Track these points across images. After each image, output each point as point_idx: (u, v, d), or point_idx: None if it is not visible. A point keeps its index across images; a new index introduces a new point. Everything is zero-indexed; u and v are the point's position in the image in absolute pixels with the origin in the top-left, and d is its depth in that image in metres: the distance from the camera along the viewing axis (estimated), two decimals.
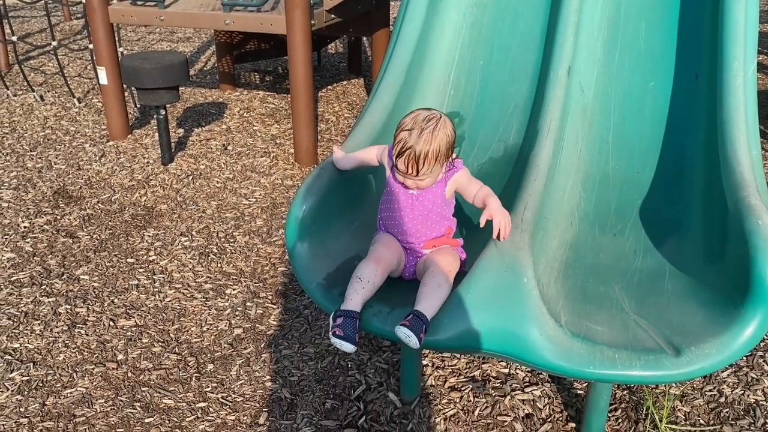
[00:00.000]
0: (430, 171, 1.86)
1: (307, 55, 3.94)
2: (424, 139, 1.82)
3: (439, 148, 1.84)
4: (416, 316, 1.75)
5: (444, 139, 1.86)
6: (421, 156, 1.83)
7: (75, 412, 2.27)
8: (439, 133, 1.84)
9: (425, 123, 1.85)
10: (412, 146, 1.82)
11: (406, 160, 1.84)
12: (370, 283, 1.84)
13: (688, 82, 2.52)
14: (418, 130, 1.83)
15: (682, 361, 1.65)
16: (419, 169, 1.85)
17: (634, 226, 2.25)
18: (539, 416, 2.22)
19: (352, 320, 1.79)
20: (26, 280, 3.02)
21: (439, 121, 1.87)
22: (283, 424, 2.22)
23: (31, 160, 4.32)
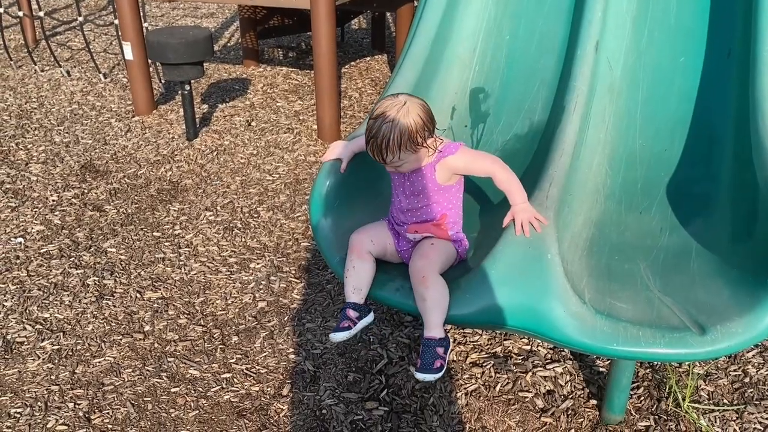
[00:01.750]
0: (398, 158, 1.80)
1: (331, 31, 3.92)
2: (384, 127, 1.77)
3: (401, 137, 1.76)
4: (424, 347, 1.78)
5: (405, 127, 1.77)
6: (382, 146, 1.78)
7: (104, 380, 2.33)
8: (400, 120, 1.77)
9: (388, 109, 1.79)
10: (375, 135, 1.78)
11: (371, 148, 1.81)
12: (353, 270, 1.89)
13: (719, 59, 2.47)
14: (381, 118, 1.78)
15: (707, 340, 1.64)
16: (384, 158, 1.81)
17: (661, 203, 2.23)
18: (561, 393, 2.22)
19: (343, 311, 1.88)
20: (55, 252, 3.08)
21: (401, 109, 1.78)
22: (306, 396, 2.25)
23: (59, 134, 4.37)
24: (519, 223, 1.81)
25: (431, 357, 1.77)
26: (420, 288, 1.80)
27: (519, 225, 1.81)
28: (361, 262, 1.89)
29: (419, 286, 1.81)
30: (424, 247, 1.90)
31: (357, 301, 1.88)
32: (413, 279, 1.84)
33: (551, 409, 2.17)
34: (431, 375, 1.76)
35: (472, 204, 2.34)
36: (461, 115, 2.67)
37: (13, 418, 2.17)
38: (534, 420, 2.13)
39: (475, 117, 2.68)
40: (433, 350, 1.78)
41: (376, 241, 1.92)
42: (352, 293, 1.89)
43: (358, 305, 1.88)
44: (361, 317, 1.88)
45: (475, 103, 2.71)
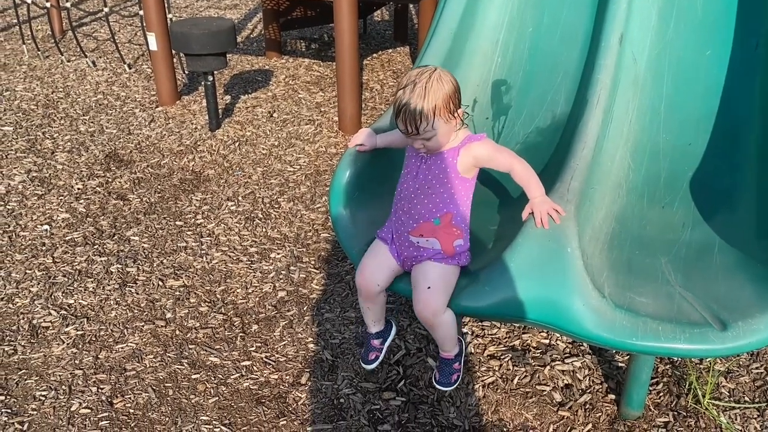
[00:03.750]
0: (432, 127, 1.71)
1: (354, 22, 3.92)
2: (417, 93, 1.69)
3: (435, 101, 1.69)
4: (441, 363, 1.89)
5: (440, 90, 1.70)
6: (416, 111, 1.68)
7: (126, 366, 2.37)
8: (433, 85, 1.70)
9: (418, 77, 1.72)
10: (407, 102, 1.69)
11: (404, 117, 1.71)
12: (369, 310, 1.94)
13: (746, 51, 2.43)
14: (411, 86, 1.71)
15: (728, 336, 1.63)
16: (418, 126, 1.71)
17: (684, 198, 2.20)
18: (579, 387, 2.22)
19: (368, 341, 1.97)
20: (80, 240, 3.13)
21: (433, 74, 1.72)
22: (324, 385, 2.27)
23: (84, 124, 4.43)
24: (538, 215, 1.80)
25: (448, 372, 1.90)
26: (431, 330, 1.85)
27: (538, 217, 1.80)
28: (373, 303, 1.93)
29: (429, 328, 1.85)
30: (424, 295, 1.77)
31: (379, 329, 1.99)
32: (420, 319, 1.81)
33: (569, 403, 2.16)
34: (449, 387, 1.92)
35: (491, 197, 2.33)
36: (483, 107, 2.66)
37: (38, 401, 2.22)
38: (551, 413, 2.13)
39: (497, 109, 2.67)
40: (450, 367, 1.89)
41: (381, 282, 1.86)
42: (372, 325, 1.99)
43: (381, 332, 1.99)
44: (385, 340, 2.01)
45: (497, 96, 2.69)
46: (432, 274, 1.78)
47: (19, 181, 3.66)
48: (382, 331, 1.97)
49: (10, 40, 6.33)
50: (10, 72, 5.42)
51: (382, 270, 1.84)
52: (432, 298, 1.75)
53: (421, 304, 1.76)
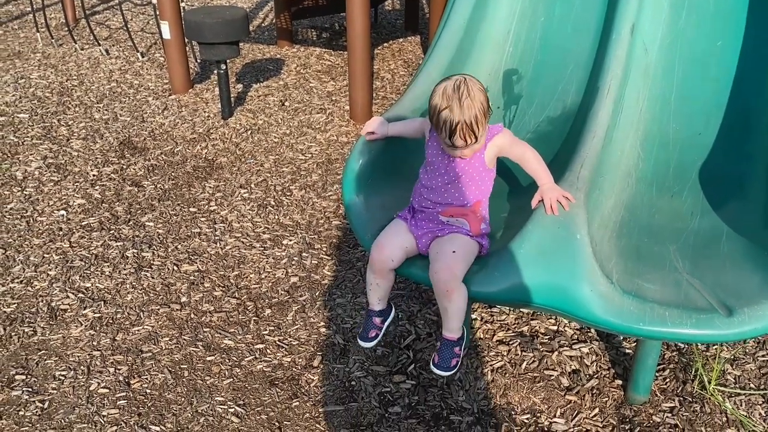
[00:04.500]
0: (484, 131, 1.85)
1: (366, 11, 3.94)
2: (466, 105, 1.78)
3: (482, 105, 1.81)
4: (442, 345, 1.89)
5: (480, 95, 1.82)
6: (472, 123, 1.79)
7: (142, 347, 2.43)
8: (474, 93, 1.81)
9: (457, 92, 1.80)
10: (461, 119, 1.78)
11: (462, 133, 1.80)
12: (377, 286, 1.97)
13: (758, 42, 2.44)
14: (456, 102, 1.79)
15: (734, 322, 1.66)
16: (476, 134, 1.82)
17: (693, 187, 2.23)
18: (586, 372, 2.26)
19: (369, 318, 2.00)
20: (96, 225, 3.19)
21: (467, 83, 1.82)
22: (336, 368, 2.32)
23: (98, 111, 4.48)
24: (548, 202, 1.84)
25: (449, 355, 1.90)
26: (443, 300, 1.85)
27: (548, 204, 1.83)
28: (384, 280, 1.97)
29: (443, 297, 1.85)
30: (448, 258, 1.84)
31: (382, 308, 2.02)
32: (436, 288, 1.84)
33: (576, 387, 2.20)
34: (447, 372, 1.90)
35: (502, 186, 2.36)
36: (494, 96, 2.69)
37: (58, 380, 2.28)
38: (559, 398, 2.17)
39: (508, 99, 2.70)
40: (451, 350, 1.90)
41: (396, 258, 1.92)
42: (377, 303, 2.01)
43: (382, 311, 2.03)
44: (385, 320, 2.05)
45: (509, 85, 2.72)
46: (459, 241, 1.87)
47: (35, 168, 3.72)
48: (384, 310, 2.00)
49: (23, 28, 6.38)
50: (25, 60, 5.48)
51: (398, 247, 1.91)
52: (456, 261, 1.82)
53: (444, 267, 1.81)
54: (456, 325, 1.84)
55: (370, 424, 2.10)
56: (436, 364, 1.88)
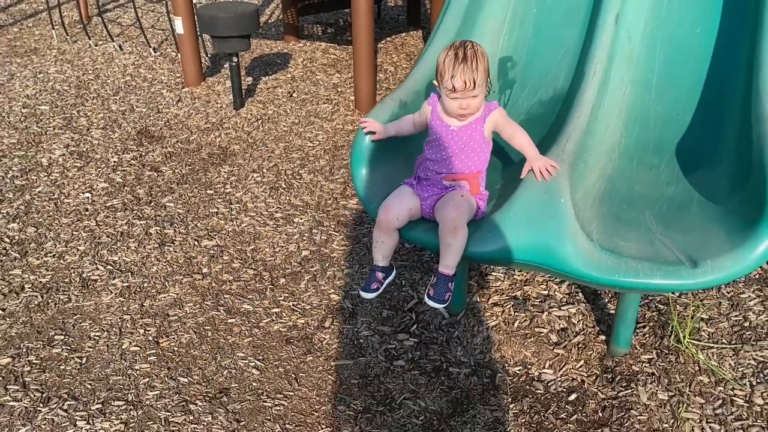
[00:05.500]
0: (482, 83, 2.09)
1: (369, 6, 4.16)
2: (469, 54, 2.07)
3: (484, 64, 2.08)
4: (438, 280, 2.07)
5: (484, 53, 2.09)
6: (473, 66, 2.05)
7: (168, 312, 2.65)
8: (478, 48, 2.09)
9: (463, 45, 2.10)
10: (462, 61, 2.05)
11: (462, 75, 2.05)
12: (382, 244, 2.16)
13: (732, 28, 2.65)
14: (461, 51, 2.07)
15: (698, 272, 1.87)
16: (475, 81, 2.06)
17: (670, 161, 2.44)
18: (573, 330, 2.48)
19: (372, 273, 2.18)
20: (119, 206, 3.42)
21: (475, 45, 2.10)
22: (345, 328, 2.54)
23: (115, 103, 4.71)
24: (537, 170, 2.06)
25: (443, 290, 2.08)
26: (448, 235, 2.05)
27: (537, 171, 2.05)
28: (389, 238, 2.17)
29: (448, 233, 2.05)
30: (456, 199, 2.11)
31: (385, 265, 2.21)
32: (443, 226, 2.07)
33: (564, 342, 2.43)
34: (441, 304, 2.07)
35: (496, 162, 2.58)
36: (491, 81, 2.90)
37: (93, 340, 2.51)
38: (548, 351, 2.39)
39: (503, 83, 2.91)
40: (446, 284, 2.08)
41: (401, 218, 2.14)
42: (380, 260, 2.20)
43: (385, 268, 2.21)
44: (387, 276, 2.23)
45: (503, 71, 2.94)
46: (463, 192, 2.14)
47: (59, 155, 3.95)
48: (387, 268, 2.20)
49: (38, 25, 6.62)
50: (41, 56, 5.71)
51: (403, 208, 2.14)
52: (462, 204, 2.07)
53: (453, 206, 2.05)
54: (453, 263, 2.03)
55: (377, 376, 2.33)
56: (431, 297, 2.05)
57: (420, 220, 2.21)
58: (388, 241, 2.15)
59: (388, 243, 2.15)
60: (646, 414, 2.14)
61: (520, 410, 2.17)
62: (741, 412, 2.13)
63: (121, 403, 2.22)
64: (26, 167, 3.82)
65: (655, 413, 2.14)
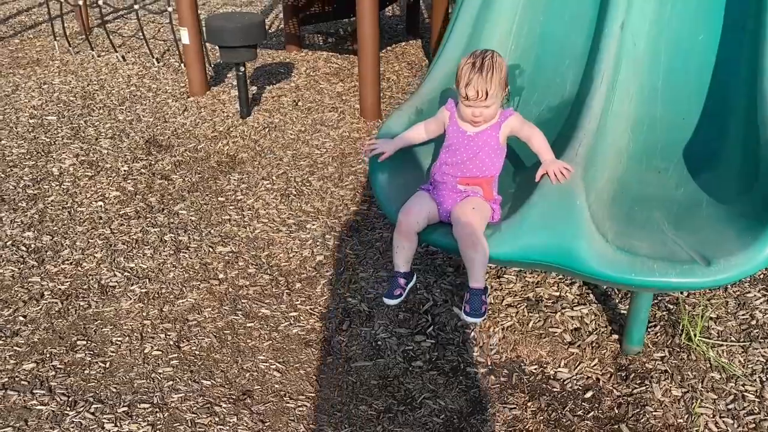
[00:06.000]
0: (495, 95, 2.16)
1: (375, 15, 4.24)
2: (486, 66, 2.15)
3: (500, 75, 2.16)
4: (472, 295, 2.13)
5: (502, 64, 2.18)
6: (488, 78, 2.14)
7: (188, 317, 2.70)
8: (496, 59, 2.18)
9: (482, 55, 2.19)
10: (477, 71, 2.14)
11: (476, 85, 2.14)
12: (403, 249, 2.22)
13: (734, 32, 2.73)
14: (479, 61, 2.17)
15: (712, 270, 1.94)
16: (488, 92, 2.14)
17: (678, 163, 2.52)
18: (586, 329, 2.54)
19: (394, 279, 2.24)
20: (132, 214, 3.46)
21: (494, 55, 2.21)
22: (363, 330, 2.59)
23: (122, 113, 4.76)
24: (552, 173, 2.13)
25: (479, 303, 2.14)
26: (470, 251, 2.11)
27: (552, 175, 2.12)
28: (409, 243, 2.23)
29: (469, 249, 2.11)
30: (468, 214, 2.15)
31: (406, 270, 2.26)
32: (462, 242, 2.12)
33: (578, 341, 2.49)
34: (479, 318, 2.14)
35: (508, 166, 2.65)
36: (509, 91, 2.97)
37: (115, 345, 2.55)
38: (563, 350, 2.45)
39: (512, 90, 2.98)
40: (479, 298, 2.15)
41: (420, 222, 2.22)
42: (402, 265, 2.26)
43: (407, 273, 2.27)
44: (408, 282, 2.29)
45: (512, 78, 3.00)
46: (476, 201, 2.19)
47: (69, 164, 3.99)
48: (408, 273, 2.26)
49: (38, 37, 6.66)
50: (44, 67, 5.75)
51: (423, 212, 2.21)
52: (476, 216, 2.13)
53: (468, 222, 2.11)
54: (481, 275, 2.10)
55: (396, 376, 2.38)
56: (468, 313, 2.11)
57: (437, 224, 2.27)
58: (409, 246, 2.21)
59: (408, 247, 2.21)
60: (661, 410, 2.19)
61: (538, 408, 2.23)
62: (753, 407, 2.20)
63: (146, 405, 2.26)
64: (37, 177, 3.86)
65: (670, 409, 2.20)
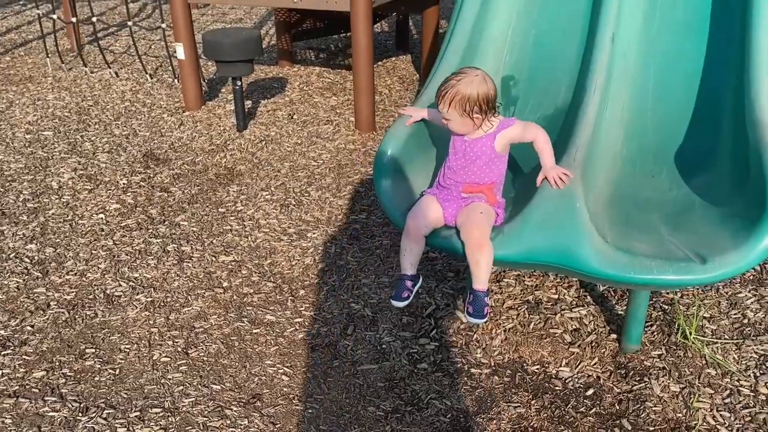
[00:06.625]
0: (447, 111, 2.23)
1: (369, 30, 4.33)
2: (450, 83, 2.23)
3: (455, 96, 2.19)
4: (475, 297, 2.21)
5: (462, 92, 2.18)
6: (440, 93, 2.22)
7: (194, 324, 2.74)
8: (461, 84, 2.19)
9: (463, 73, 2.25)
10: (442, 84, 2.24)
11: (437, 93, 2.25)
12: (411, 251, 2.30)
13: (720, 46, 2.85)
14: (455, 76, 2.25)
15: (707, 268, 2.02)
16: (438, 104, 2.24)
17: (670, 167, 2.61)
18: (585, 330, 2.61)
19: (401, 281, 2.31)
20: (134, 225, 3.50)
21: (471, 78, 2.20)
22: (367, 335, 2.65)
23: (118, 128, 4.80)
24: (552, 178, 2.21)
25: (481, 305, 2.22)
26: (476, 254, 2.18)
27: (552, 179, 2.20)
28: (417, 246, 2.31)
29: (476, 252, 2.18)
30: (476, 217, 2.21)
31: (413, 273, 2.34)
32: (469, 245, 2.19)
33: (578, 341, 2.56)
34: (482, 319, 2.22)
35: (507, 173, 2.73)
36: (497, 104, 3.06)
37: (124, 352, 2.58)
38: (563, 350, 2.52)
39: (507, 100, 3.08)
40: (482, 300, 2.23)
41: (428, 225, 2.29)
42: (409, 268, 2.33)
43: (413, 276, 2.34)
44: (415, 284, 2.36)
45: (506, 89, 3.10)
46: (482, 207, 2.25)
47: (68, 178, 4.02)
48: (415, 276, 2.34)
49: (30, 54, 6.70)
50: (37, 84, 5.78)
51: (429, 216, 2.28)
52: (483, 220, 2.19)
53: (474, 225, 2.17)
54: (485, 278, 2.17)
55: (402, 378, 2.43)
56: (471, 314, 2.19)
57: (443, 227, 2.34)
58: (416, 249, 2.28)
59: (416, 250, 2.28)
60: (661, 405, 2.27)
61: (542, 406, 2.29)
62: (748, 401, 2.27)
63: (158, 410, 2.29)
64: (37, 190, 3.88)
65: (669, 404, 2.27)
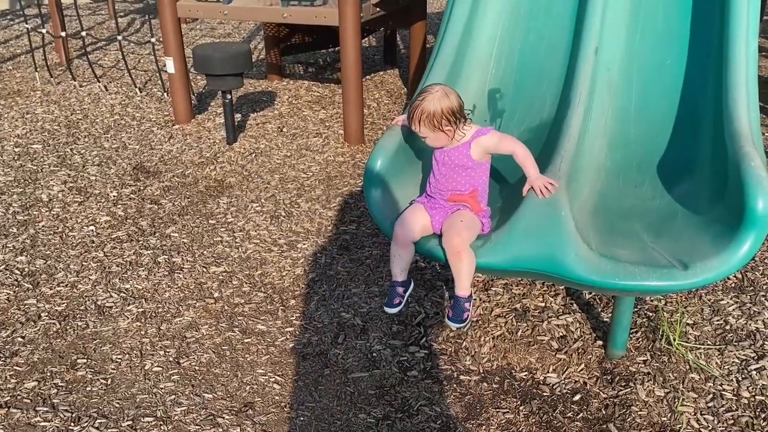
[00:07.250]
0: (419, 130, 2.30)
1: (357, 44, 4.40)
2: (414, 104, 2.30)
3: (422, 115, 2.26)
4: (455, 302, 2.29)
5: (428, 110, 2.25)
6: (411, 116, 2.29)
7: (186, 334, 2.75)
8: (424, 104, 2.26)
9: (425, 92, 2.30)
10: (411, 108, 2.31)
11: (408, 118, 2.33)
12: (400, 257, 2.36)
13: (699, 59, 2.93)
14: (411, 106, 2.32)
15: (689, 274, 2.08)
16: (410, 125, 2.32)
17: (652, 177, 2.68)
18: (572, 337, 2.66)
19: (393, 288, 2.38)
20: (125, 237, 3.52)
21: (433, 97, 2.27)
22: (358, 343, 2.68)
23: (107, 141, 4.82)
24: (537, 188, 2.26)
25: (461, 310, 2.30)
26: (455, 261, 2.25)
27: (538, 189, 2.26)
28: (405, 251, 2.37)
29: (455, 259, 2.24)
30: (457, 225, 2.28)
31: (404, 279, 2.40)
32: (449, 252, 2.25)
33: (565, 348, 2.60)
34: (460, 324, 2.30)
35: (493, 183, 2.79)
36: (481, 111, 3.13)
37: (116, 362, 2.59)
38: (551, 357, 2.56)
39: (493, 113, 3.14)
40: (462, 305, 2.30)
41: (416, 231, 2.35)
42: (399, 274, 2.40)
43: (404, 282, 2.40)
44: (406, 290, 2.43)
45: (492, 102, 3.17)
46: (465, 215, 2.31)
47: (58, 191, 4.04)
48: (405, 281, 2.39)
49: (18, 68, 6.71)
50: (26, 97, 5.79)
51: (418, 223, 2.34)
52: (463, 229, 2.24)
53: (455, 233, 2.23)
54: (466, 284, 2.23)
55: (393, 386, 2.46)
56: (450, 318, 2.25)
57: (431, 235, 2.39)
58: (405, 255, 2.32)
59: (405, 256, 2.32)
60: (646, 409, 2.31)
61: (530, 411, 2.33)
62: (731, 404, 2.33)
63: (150, 419, 2.30)
64: (26, 203, 3.89)
65: (654, 408, 2.31)
